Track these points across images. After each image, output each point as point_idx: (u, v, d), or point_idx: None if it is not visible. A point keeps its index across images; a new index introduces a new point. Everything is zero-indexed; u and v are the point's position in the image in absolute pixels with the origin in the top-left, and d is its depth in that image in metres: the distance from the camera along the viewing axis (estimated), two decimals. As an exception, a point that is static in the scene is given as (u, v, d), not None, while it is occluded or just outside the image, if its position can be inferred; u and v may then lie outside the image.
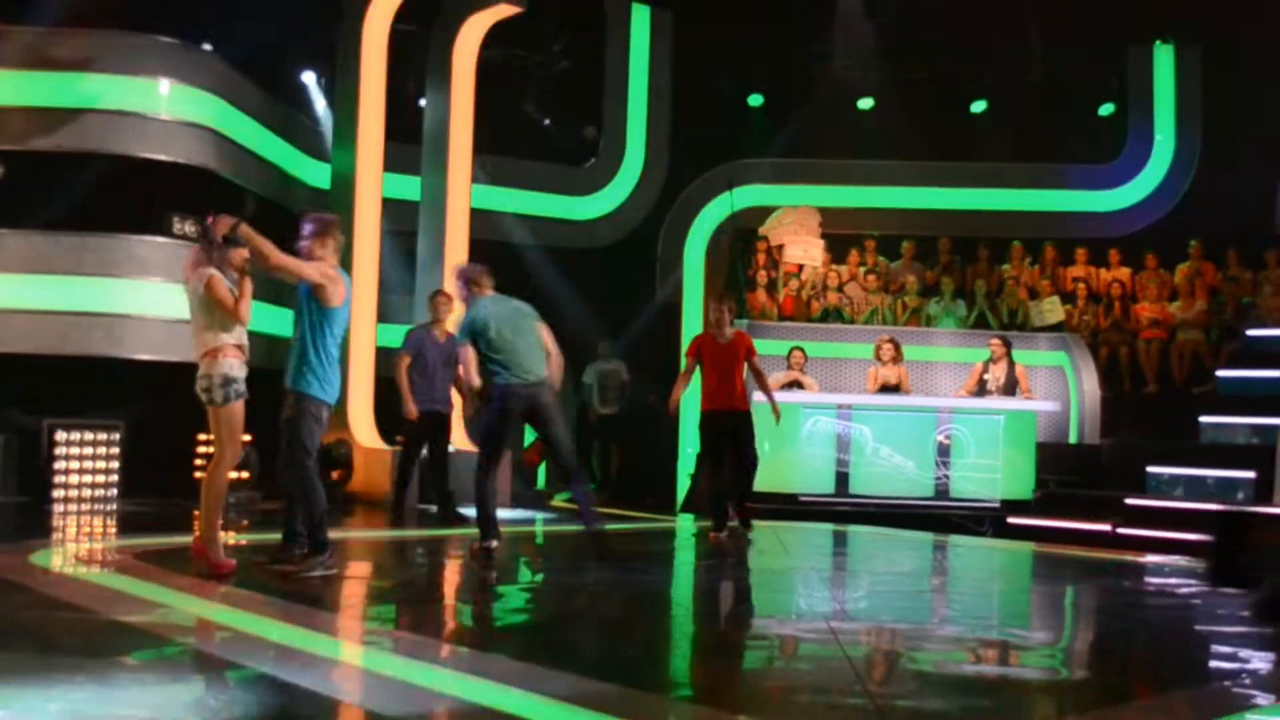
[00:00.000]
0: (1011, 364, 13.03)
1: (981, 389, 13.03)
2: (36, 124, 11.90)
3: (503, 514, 8.78)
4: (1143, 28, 17.38)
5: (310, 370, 7.01)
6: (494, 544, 8.18)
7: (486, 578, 7.74)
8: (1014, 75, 17.65)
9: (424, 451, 10.75)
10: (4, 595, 6.38)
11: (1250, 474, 11.09)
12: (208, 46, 13.16)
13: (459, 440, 12.32)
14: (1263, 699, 4.91)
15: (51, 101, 11.99)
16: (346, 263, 12.78)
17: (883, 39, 17.59)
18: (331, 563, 7.14)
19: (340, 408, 12.36)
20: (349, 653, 5.35)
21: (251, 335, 7.19)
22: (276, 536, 7.71)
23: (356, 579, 7.56)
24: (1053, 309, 14.81)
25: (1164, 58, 17.48)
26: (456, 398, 10.98)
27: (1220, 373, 13.30)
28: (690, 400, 10.71)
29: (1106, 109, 17.73)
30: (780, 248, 15.54)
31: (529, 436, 16.19)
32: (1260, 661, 5.77)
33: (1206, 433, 12.36)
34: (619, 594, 7.33)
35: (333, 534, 7.38)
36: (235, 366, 6.91)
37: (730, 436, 9.93)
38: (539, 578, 8.47)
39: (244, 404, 7.01)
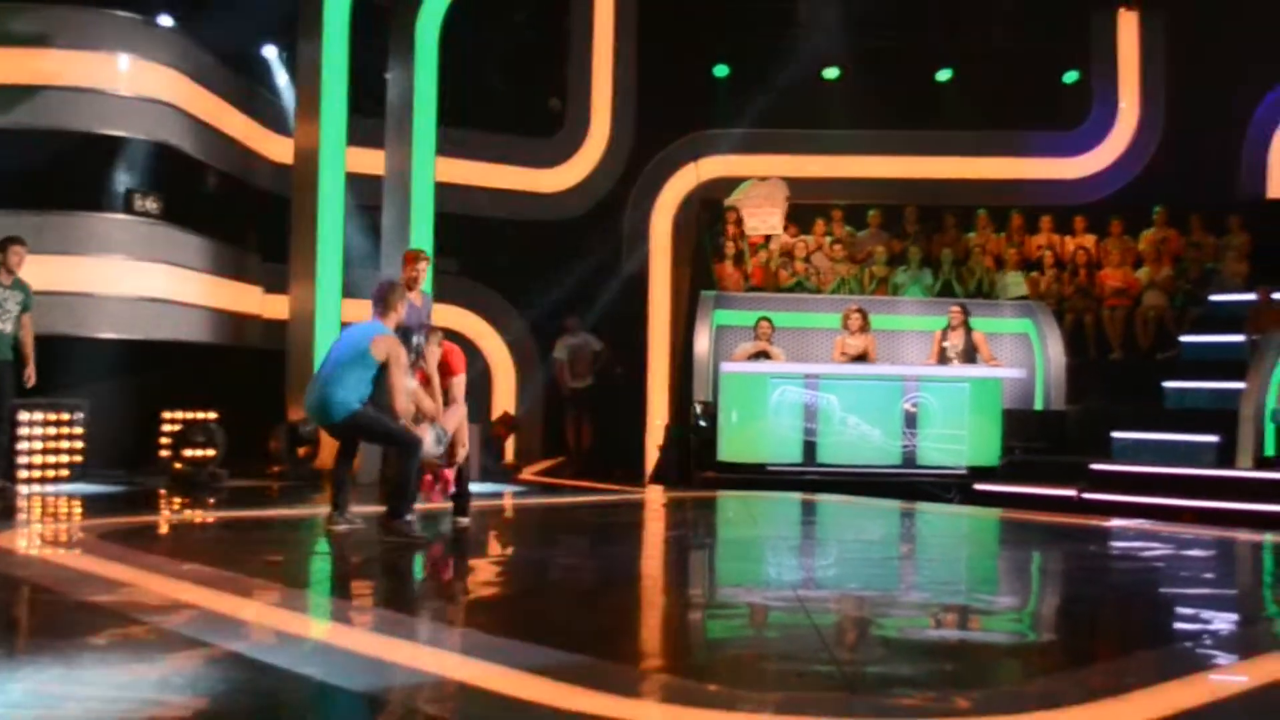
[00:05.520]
0: (969, 331, 13.00)
1: (943, 357, 13.05)
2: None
3: (473, 487, 8.74)
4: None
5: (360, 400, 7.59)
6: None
7: (456, 552, 7.72)
8: (979, 43, 17.64)
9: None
10: (-32, 577, 6.34)
11: (1214, 438, 11.21)
12: (167, 21, 13.01)
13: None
14: (1224, 659, 4.98)
15: (8, 78, 11.84)
16: (310, 239, 12.93)
17: (847, 7, 17.54)
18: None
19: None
20: (320, 629, 5.34)
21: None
22: (247, 513, 7.71)
23: (326, 555, 7.54)
24: (1016, 284, 14.87)
25: (1127, 24, 17.53)
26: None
27: (1184, 338, 13.42)
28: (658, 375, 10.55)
29: (1070, 76, 17.77)
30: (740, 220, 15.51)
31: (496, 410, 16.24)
32: (1222, 623, 5.85)
33: (1170, 398, 12.46)
34: (589, 566, 7.36)
35: (301, 511, 7.36)
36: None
37: None
38: (509, 551, 8.47)
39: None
